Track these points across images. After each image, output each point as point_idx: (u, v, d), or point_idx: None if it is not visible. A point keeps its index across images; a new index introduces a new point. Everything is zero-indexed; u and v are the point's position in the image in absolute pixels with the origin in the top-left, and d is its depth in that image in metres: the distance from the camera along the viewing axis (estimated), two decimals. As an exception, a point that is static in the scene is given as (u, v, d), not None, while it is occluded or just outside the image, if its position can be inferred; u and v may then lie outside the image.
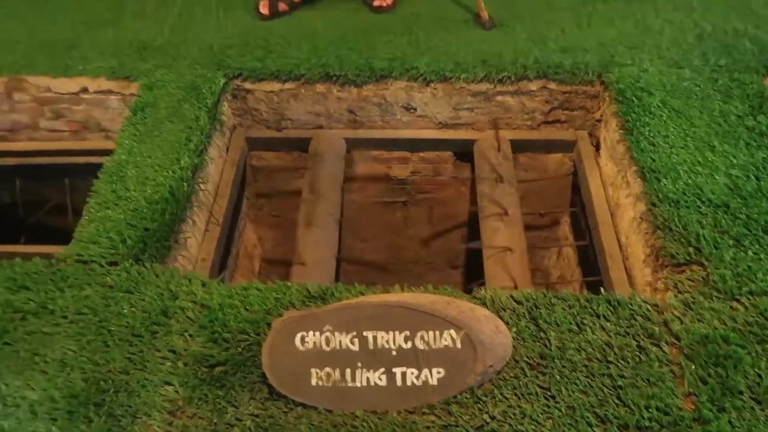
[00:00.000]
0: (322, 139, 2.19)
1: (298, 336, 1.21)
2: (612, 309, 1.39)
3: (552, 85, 2.09)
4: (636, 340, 1.33)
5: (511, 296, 1.42)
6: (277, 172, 2.36)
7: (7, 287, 1.45)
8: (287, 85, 2.12)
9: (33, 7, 2.39)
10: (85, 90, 2.09)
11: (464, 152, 2.26)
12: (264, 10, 2.32)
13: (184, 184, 1.74)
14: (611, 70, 2.05)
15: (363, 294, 1.43)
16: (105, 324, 1.38)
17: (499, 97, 2.14)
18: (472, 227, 2.40)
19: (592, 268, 2.10)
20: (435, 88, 2.12)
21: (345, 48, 2.16)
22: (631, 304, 1.40)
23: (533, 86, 2.10)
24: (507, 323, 1.35)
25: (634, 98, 1.93)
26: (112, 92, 2.09)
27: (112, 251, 1.53)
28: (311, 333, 1.20)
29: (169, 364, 1.30)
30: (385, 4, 2.35)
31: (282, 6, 2.33)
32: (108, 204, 1.66)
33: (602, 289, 1.46)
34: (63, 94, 2.10)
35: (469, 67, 2.09)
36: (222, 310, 1.39)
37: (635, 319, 1.37)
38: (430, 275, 2.81)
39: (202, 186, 1.86)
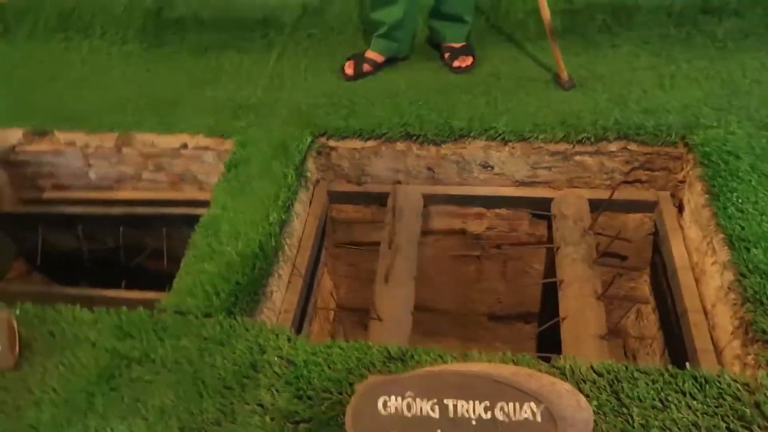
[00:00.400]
0: (401, 195, 2.26)
1: (381, 400, 1.25)
2: (699, 386, 1.36)
3: (633, 146, 2.08)
4: (725, 422, 1.29)
5: (592, 367, 1.41)
6: (356, 224, 2.45)
7: (114, 335, 1.58)
8: (369, 143, 2.22)
9: (142, 69, 2.63)
10: (184, 146, 2.26)
11: (541, 209, 2.27)
12: (349, 70, 2.45)
13: (273, 239, 1.85)
14: (696, 132, 2.02)
15: (442, 357, 1.46)
16: (200, 375, 1.47)
17: (577, 157, 2.15)
18: (547, 284, 2.40)
19: (672, 331, 2.05)
20: (513, 148, 2.15)
21: (425, 108, 2.24)
22: (720, 382, 1.36)
23: (613, 147, 2.09)
24: (587, 395, 1.34)
25: (720, 162, 1.90)
26: (208, 148, 2.25)
27: (207, 303, 1.65)
28: (393, 398, 1.24)
29: (258, 418, 1.37)
30: (464, 65, 2.42)
31: (366, 67, 2.45)
32: (203, 257, 1.78)
33: (687, 365, 1.42)
34: (165, 149, 2.28)
35: (548, 128, 2.11)
36: (306, 367, 1.46)
37: (724, 399, 1.33)
38: (501, 330, 2.81)
39: (287, 240, 1.96)
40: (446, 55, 2.46)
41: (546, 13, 2.26)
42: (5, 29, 2.97)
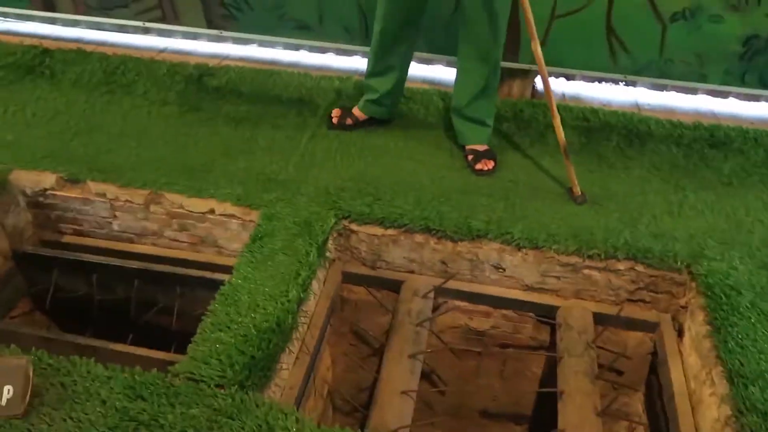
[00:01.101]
0: (413, 284, 2.33)
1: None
2: None
3: (640, 268, 2.18)
4: None
5: (593, 488, 1.44)
6: (364, 306, 2.50)
7: (126, 395, 1.60)
8: (389, 231, 2.31)
9: (178, 132, 2.75)
10: (212, 211, 2.34)
11: (546, 315, 2.33)
12: (335, 119, 2.78)
13: (290, 317, 1.90)
14: (700, 262, 2.12)
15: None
16: (207, 447, 1.49)
17: (586, 270, 2.24)
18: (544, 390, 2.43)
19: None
20: (526, 254, 2.25)
21: (447, 205, 2.35)
22: None
23: (621, 266, 2.19)
24: None
25: (722, 295, 1.99)
26: (234, 216, 2.33)
27: (221, 374, 1.67)
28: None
29: (262, 500, 1.38)
30: (486, 168, 2.56)
31: (349, 120, 2.79)
32: (221, 326, 1.82)
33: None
34: (192, 212, 2.36)
35: (561, 239, 2.22)
36: (315, 452, 1.48)
37: None
38: (492, 427, 2.80)
39: (301, 318, 2.01)
40: (470, 157, 2.61)
41: (560, 133, 2.42)
42: (51, 75, 3.12)
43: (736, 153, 2.67)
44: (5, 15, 3.56)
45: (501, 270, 2.31)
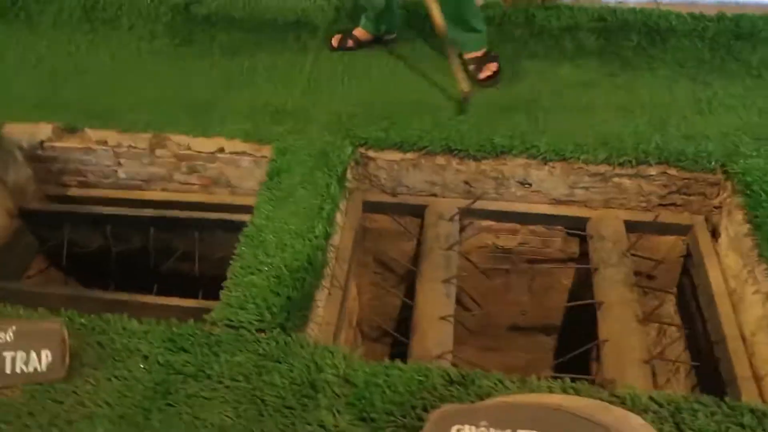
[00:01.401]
0: (437, 208, 2.26)
1: (454, 429, 1.25)
2: (758, 420, 1.38)
3: (672, 171, 2.11)
4: (784, 458, 1.32)
5: (652, 398, 1.43)
6: (387, 234, 2.44)
7: (167, 348, 1.55)
8: (408, 155, 2.21)
9: (173, 67, 2.58)
10: (221, 150, 2.23)
11: (576, 228, 2.28)
12: (335, 42, 2.64)
13: (320, 253, 1.83)
14: (735, 160, 2.05)
15: (501, 382, 1.47)
16: (258, 393, 1.46)
17: (616, 179, 2.17)
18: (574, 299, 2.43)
19: (701, 356, 2.08)
20: (553, 167, 2.16)
21: (466, 123, 2.23)
22: (776, 417, 1.39)
23: (653, 171, 2.11)
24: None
25: (762, 192, 1.93)
26: (245, 153, 2.22)
27: (259, 318, 1.63)
28: (467, 427, 1.25)
29: (321, 439, 1.37)
30: (489, 73, 2.42)
31: (350, 42, 2.64)
32: (252, 269, 1.76)
33: (744, 400, 1.45)
34: (201, 152, 2.25)
35: (590, 149, 2.12)
36: (368, 388, 1.45)
37: (781, 434, 1.36)
38: (520, 339, 2.83)
39: (330, 253, 1.95)
40: (471, 67, 2.46)
41: (438, 19, 2.23)
42: (27, 17, 2.89)
43: (765, 43, 2.53)
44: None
45: (527, 185, 2.23)
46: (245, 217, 2.14)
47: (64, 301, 2.05)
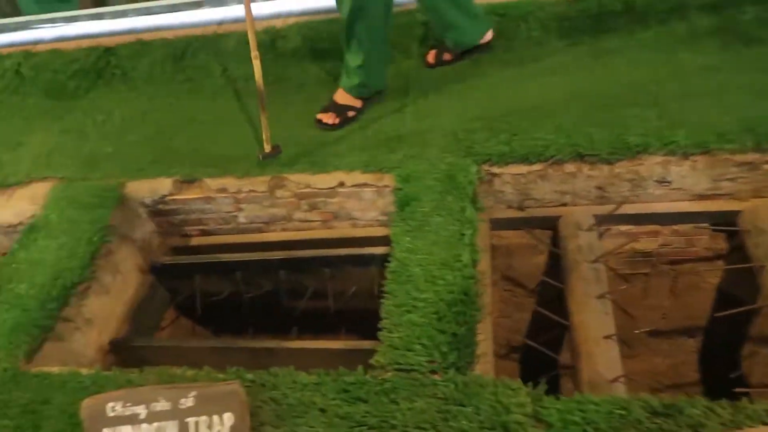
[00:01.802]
0: (572, 218, 2.15)
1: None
2: None
3: (833, 151, 1.93)
4: None
5: None
6: (516, 249, 2.35)
7: (343, 399, 1.51)
8: (535, 167, 2.11)
9: (274, 106, 2.57)
10: (341, 184, 2.19)
11: (723, 223, 2.13)
12: (431, 59, 2.56)
13: (472, 282, 1.76)
14: None
15: (712, 410, 1.35)
16: (450, 441, 1.39)
17: (766, 166, 2.00)
18: (722, 298, 2.27)
19: None
20: (695, 161, 2.02)
21: (593, 125, 2.12)
22: None
23: (810, 152, 1.94)
24: None
25: None
26: (367, 185, 2.17)
27: (429, 359, 1.56)
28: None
29: (532, 488, 1.29)
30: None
31: (447, 56, 2.56)
32: (407, 307, 1.70)
33: None
34: (321, 189, 2.21)
35: (735, 137, 1.97)
36: (566, 428, 1.36)
37: None
38: (661, 344, 2.67)
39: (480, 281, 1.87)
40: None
41: (259, 75, 2.13)
42: (123, 74, 2.96)
43: None
44: (54, 21, 3.38)
45: (666, 183, 2.09)
46: (375, 250, 2.11)
47: (208, 354, 2.06)
